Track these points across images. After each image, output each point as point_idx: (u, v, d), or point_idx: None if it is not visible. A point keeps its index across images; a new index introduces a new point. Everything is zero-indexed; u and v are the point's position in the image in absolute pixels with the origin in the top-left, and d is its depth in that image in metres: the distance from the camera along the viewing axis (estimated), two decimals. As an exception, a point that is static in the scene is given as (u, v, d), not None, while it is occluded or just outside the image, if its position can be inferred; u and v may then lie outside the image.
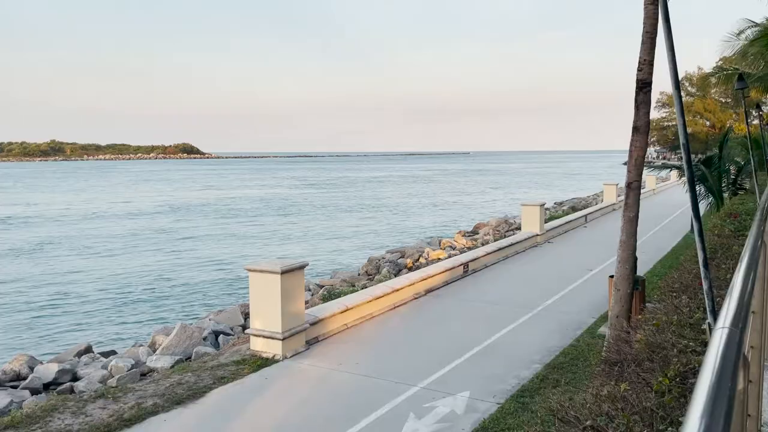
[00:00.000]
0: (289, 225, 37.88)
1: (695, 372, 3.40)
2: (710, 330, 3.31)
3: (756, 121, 27.45)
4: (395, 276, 15.25)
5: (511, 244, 16.54)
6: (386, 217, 42.45)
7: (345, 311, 9.89)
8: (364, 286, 13.54)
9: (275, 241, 31.08)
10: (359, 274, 18.71)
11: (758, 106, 23.65)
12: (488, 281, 13.42)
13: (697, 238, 3.10)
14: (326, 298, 12.59)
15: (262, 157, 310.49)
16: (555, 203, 39.47)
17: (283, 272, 8.44)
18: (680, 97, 2.90)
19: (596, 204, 30.23)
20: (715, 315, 2.83)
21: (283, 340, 8.46)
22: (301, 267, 8.93)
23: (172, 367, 9.14)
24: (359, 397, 7.17)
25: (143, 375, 9.27)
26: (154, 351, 10.65)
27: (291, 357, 8.52)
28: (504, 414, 6.56)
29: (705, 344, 3.60)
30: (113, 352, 11.84)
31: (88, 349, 11.74)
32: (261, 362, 8.31)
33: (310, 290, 15.80)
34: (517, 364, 8.15)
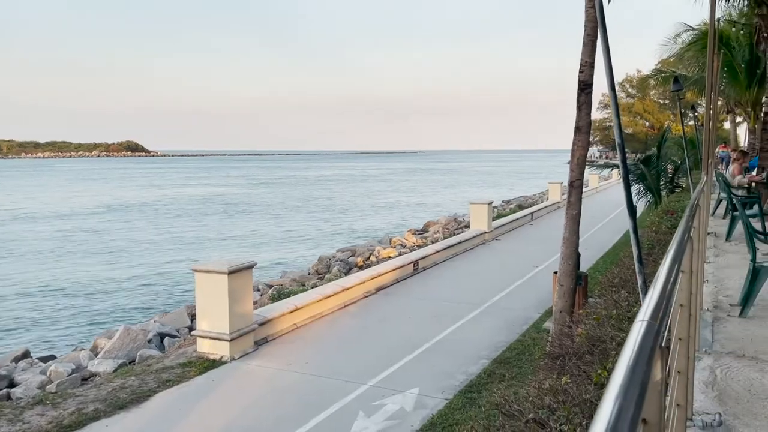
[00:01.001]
0: (236, 225, 37.26)
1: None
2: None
3: (692, 122, 28.61)
4: (346, 275, 15.22)
5: (460, 242, 16.75)
6: (336, 216, 42.32)
7: (294, 311, 9.82)
8: (314, 286, 13.48)
9: (221, 242, 30.51)
10: (309, 274, 18.60)
11: (693, 108, 24.67)
12: (438, 279, 13.56)
13: (632, 235, 3.21)
14: (275, 298, 12.47)
15: (211, 155, 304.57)
16: (503, 201, 40.21)
17: (231, 272, 8.31)
18: (616, 97, 3.01)
19: (542, 202, 30.93)
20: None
21: (230, 341, 8.33)
22: (249, 267, 8.82)
23: (115, 371, 8.89)
24: (309, 396, 7.13)
25: (84, 380, 8.98)
26: (96, 355, 10.34)
27: (239, 358, 8.40)
28: (452, 409, 6.65)
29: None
30: (52, 357, 11.42)
31: (25, 354, 11.28)
32: (208, 364, 8.16)
33: (259, 290, 15.61)
34: (465, 360, 8.27)
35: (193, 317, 12.00)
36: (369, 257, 19.49)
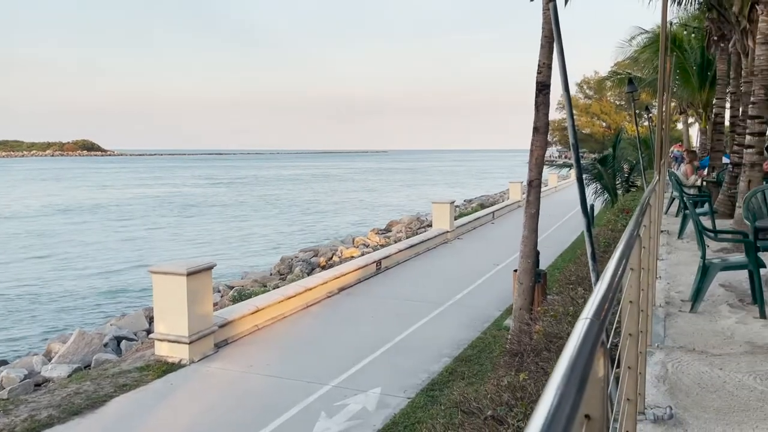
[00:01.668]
0: (196, 226, 36.59)
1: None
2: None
3: (647, 123, 29.36)
4: (308, 275, 15.14)
5: (423, 241, 16.85)
6: (298, 216, 42.02)
7: (255, 312, 9.71)
8: (276, 286, 13.37)
9: (180, 243, 29.92)
10: (271, 274, 18.43)
11: (647, 109, 25.32)
12: (400, 278, 13.60)
13: (585, 233, 3.28)
14: (236, 300, 12.33)
15: (170, 154, 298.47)
16: (464, 201, 40.56)
17: (189, 274, 8.17)
18: (570, 98, 3.07)
19: (503, 201, 31.33)
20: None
21: (189, 343, 8.19)
22: (209, 268, 8.69)
23: (70, 376, 8.65)
24: (270, 399, 7.07)
25: (38, 385, 8.70)
26: (50, 360, 10.03)
27: (199, 361, 8.27)
28: (414, 408, 6.68)
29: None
30: (4, 363, 11.04)
31: (-26, 361, 10.88)
32: (166, 368, 8.01)
33: (219, 292, 15.39)
34: (427, 359, 8.31)
35: (151, 320, 11.75)
36: (332, 257, 19.43)
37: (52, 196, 57.33)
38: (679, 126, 38.49)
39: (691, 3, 16.24)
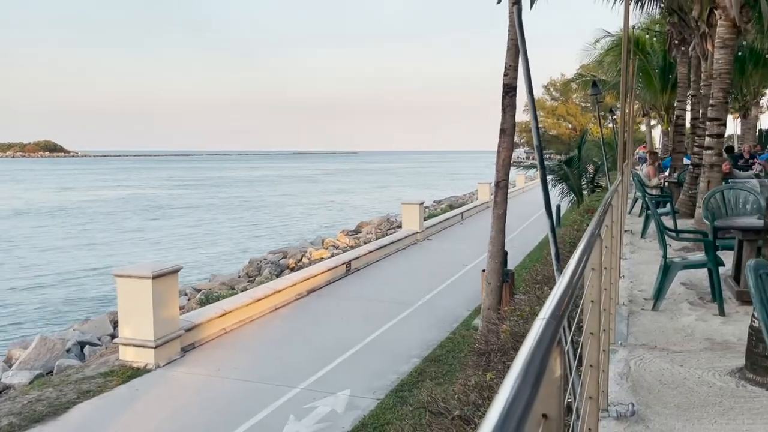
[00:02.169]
0: (162, 228, 35.95)
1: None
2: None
3: (611, 124, 29.90)
4: (277, 277, 15.04)
5: (393, 242, 16.88)
6: (267, 217, 41.69)
7: (223, 315, 9.60)
8: (245, 289, 13.25)
9: (146, 247, 29.36)
10: (239, 277, 18.26)
11: (611, 111, 25.80)
12: (370, 279, 13.60)
13: (549, 234, 3.33)
14: (204, 303, 12.18)
15: (136, 156, 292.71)
16: (434, 201, 40.76)
17: (155, 277, 8.04)
18: (533, 101, 3.12)
19: (472, 202, 31.56)
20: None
21: (155, 348, 8.06)
22: (175, 271, 8.57)
23: (31, 382, 8.45)
24: (238, 402, 7.00)
25: (-3, 393, 8.48)
26: (11, 366, 9.78)
27: (165, 365, 8.14)
28: (383, 409, 6.68)
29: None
30: (-39, 371, 10.71)
31: (-70, 370, 10.52)
32: (131, 373, 7.87)
33: (186, 295, 15.18)
34: (396, 360, 8.33)
35: (115, 324, 11.52)
36: (301, 259, 19.33)
37: (10, 199, 55.66)
38: (643, 128, 39.33)
39: (653, 7, 16.61)
